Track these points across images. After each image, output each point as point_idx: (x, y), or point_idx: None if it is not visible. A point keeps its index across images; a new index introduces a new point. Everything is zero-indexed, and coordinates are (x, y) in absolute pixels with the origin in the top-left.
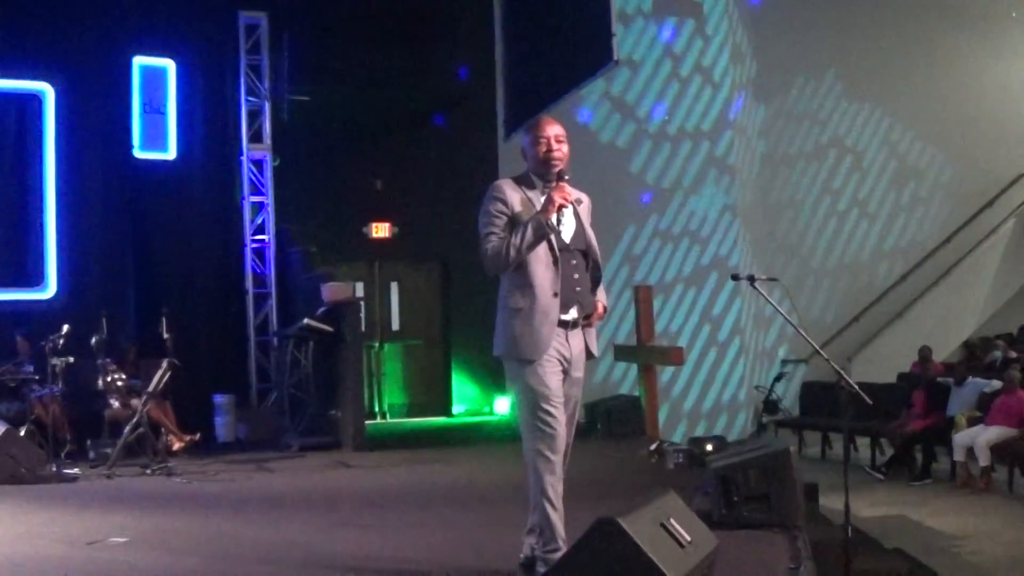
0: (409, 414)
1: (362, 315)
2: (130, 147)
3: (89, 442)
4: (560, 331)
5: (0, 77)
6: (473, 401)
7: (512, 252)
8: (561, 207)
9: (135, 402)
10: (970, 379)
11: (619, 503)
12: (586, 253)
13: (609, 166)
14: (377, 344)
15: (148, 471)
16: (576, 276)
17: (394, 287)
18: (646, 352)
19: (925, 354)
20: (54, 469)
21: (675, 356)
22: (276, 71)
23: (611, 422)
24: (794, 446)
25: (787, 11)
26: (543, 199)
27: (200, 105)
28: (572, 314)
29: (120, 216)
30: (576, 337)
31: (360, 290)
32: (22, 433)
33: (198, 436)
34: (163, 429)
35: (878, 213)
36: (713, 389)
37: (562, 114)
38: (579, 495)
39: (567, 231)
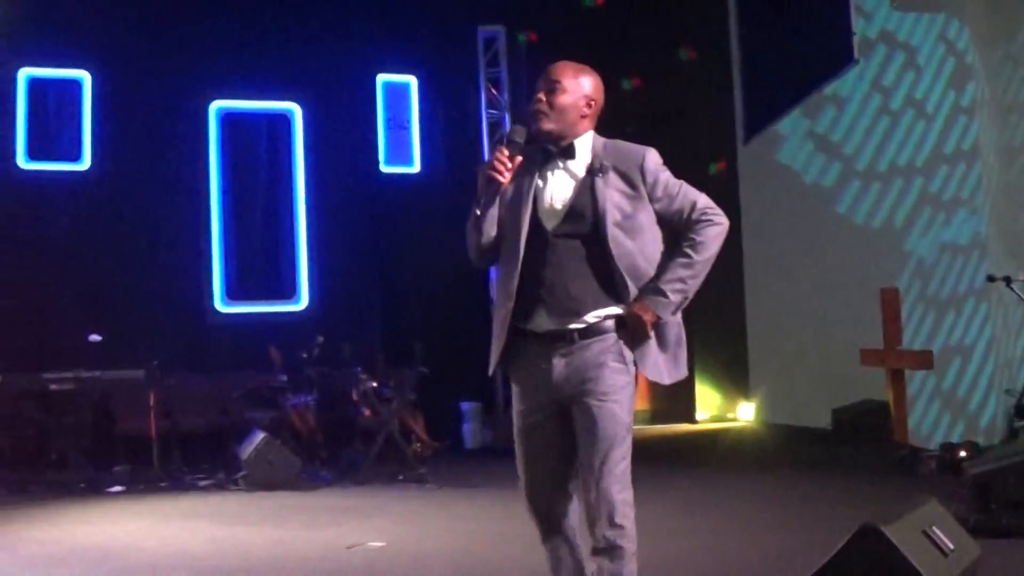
0: (652, 421)
1: None
2: (376, 162)
3: (342, 450)
4: (538, 347)
5: (252, 99)
6: (715, 407)
7: (469, 242)
8: (491, 181)
9: (386, 410)
10: None
11: (874, 509)
12: (593, 239)
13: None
14: None
15: (400, 477)
16: (547, 272)
17: None
18: (894, 356)
19: None
20: (308, 476)
21: (924, 360)
22: (515, 82)
23: (858, 427)
24: None
25: None
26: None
27: (442, 119)
28: (538, 324)
29: (367, 229)
30: (569, 357)
31: None
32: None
33: (447, 442)
34: (413, 436)
35: None
36: (959, 393)
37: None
38: (831, 501)
39: (551, 212)
